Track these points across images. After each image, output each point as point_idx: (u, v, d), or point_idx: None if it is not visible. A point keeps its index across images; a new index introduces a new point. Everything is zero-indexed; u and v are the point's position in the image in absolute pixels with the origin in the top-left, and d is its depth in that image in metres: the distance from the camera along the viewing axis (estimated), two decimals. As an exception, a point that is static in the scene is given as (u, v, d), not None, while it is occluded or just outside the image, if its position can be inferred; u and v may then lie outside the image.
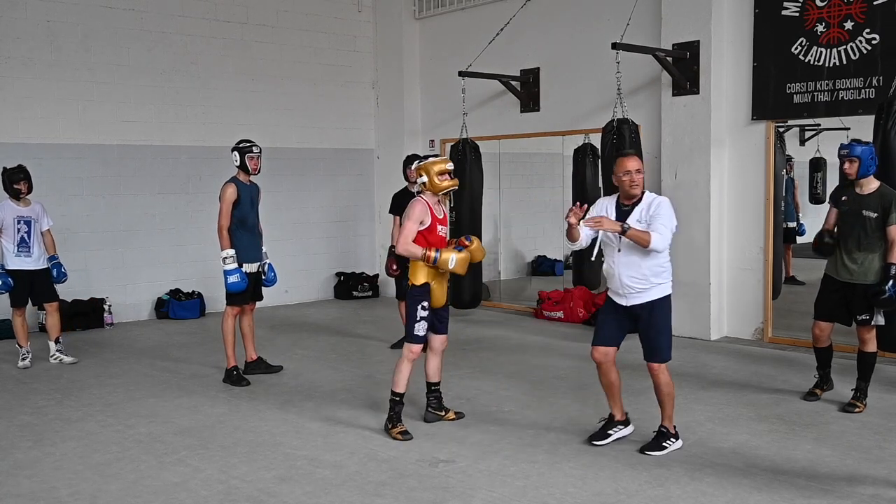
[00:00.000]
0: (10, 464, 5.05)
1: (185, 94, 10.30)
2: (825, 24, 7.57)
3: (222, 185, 6.93)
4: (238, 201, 6.83)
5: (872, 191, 5.76)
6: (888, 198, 5.69)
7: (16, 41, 9.17)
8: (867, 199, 5.75)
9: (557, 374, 7.05)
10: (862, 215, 5.73)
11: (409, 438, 5.33)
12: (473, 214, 9.21)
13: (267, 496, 4.49)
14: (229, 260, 6.76)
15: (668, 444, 5.07)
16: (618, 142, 7.83)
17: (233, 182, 6.89)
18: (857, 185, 5.80)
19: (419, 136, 11.51)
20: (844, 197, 5.87)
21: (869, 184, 5.77)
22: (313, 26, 11.33)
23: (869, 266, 5.73)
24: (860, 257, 5.75)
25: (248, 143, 6.98)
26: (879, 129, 6.63)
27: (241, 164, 6.91)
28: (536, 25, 9.88)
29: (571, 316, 9.46)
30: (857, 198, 5.79)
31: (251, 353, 7.21)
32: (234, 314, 6.96)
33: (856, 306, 5.82)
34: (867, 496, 4.38)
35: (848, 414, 5.79)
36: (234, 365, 6.93)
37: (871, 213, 5.70)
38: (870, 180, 5.77)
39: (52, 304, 7.74)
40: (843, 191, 5.94)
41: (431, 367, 5.77)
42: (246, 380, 6.89)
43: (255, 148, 6.96)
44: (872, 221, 5.70)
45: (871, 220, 5.70)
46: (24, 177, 7.58)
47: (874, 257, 5.71)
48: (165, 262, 10.27)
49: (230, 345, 6.90)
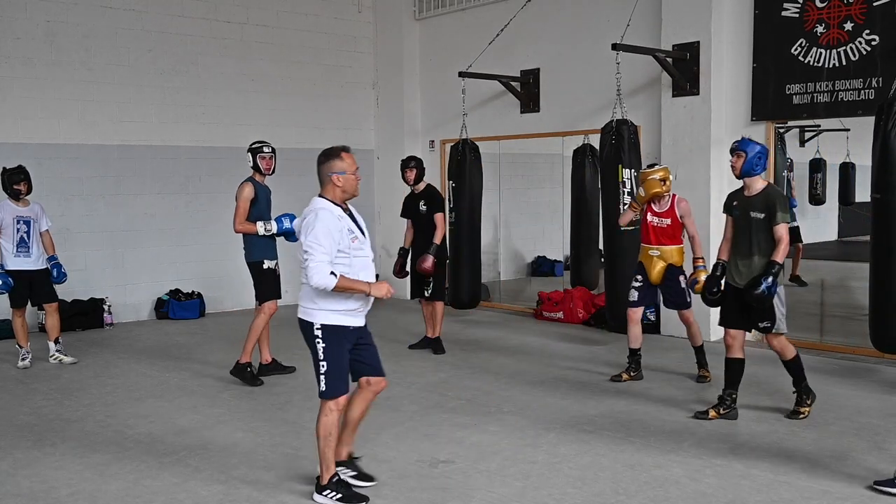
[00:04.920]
0: (9, 464, 5.05)
1: (185, 94, 10.30)
2: (825, 25, 7.57)
3: (239, 185, 6.93)
4: (255, 200, 6.85)
5: (758, 192, 5.63)
6: (772, 197, 5.55)
7: (16, 41, 9.18)
8: (754, 200, 5.63)
9: (557, 375, 7.05)
10: (750, 217, 5.61)
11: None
12: (473, 215, 9.21)
13: (267, 496, 4.49)
14: (266, 227, 6.78)
15: None
16: (617, 143, 7.84)
17: (249, 181, 6.91)
18: (745, 189, 5.70)
19: (419, 136, 11.51)
20: (735, 202, 5.78)
21: (754, 184, 5.64)
22: (313, 27, 11.33)
23: (758, 269, 5.54)
24: (749, 261, 5.59)
25: (260, 144, 7.01)
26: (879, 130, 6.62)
27: (253, 164, 6.94)
28: (536, 26, 9.89)
29: (571, 317, 9.45)
30: (744, 200, 5.69)
31: (266, 356, 7.17)
32: (270, 313, 6.93)
33: (755, 313, 5.64)
34: (867, 496, 4.38)
35: (846, 414, 5.78)
36: (249, 362, 6.91)
37: (758, 215, 5.56)
38: (755, 180, 5.64)
39: (52, 304, 7.74)
40: (733, 197, 5.84)
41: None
42: (260, 380, 6.87)
43: (267, 148, 6.98)
44: (760, 223, 5.55)
45: (758, 221, 5.56)
46: (24, 177, 7.59)
47: (764, 260, 5.52)
48: (165, 262, 10.27)
49: (252, 342, 6.89)
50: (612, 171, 7.83)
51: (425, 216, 7.79)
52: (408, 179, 7.88)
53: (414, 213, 7.93)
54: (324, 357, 4.26)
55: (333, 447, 4.36)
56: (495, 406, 6.15)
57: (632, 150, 7.83)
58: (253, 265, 6.94)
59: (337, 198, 4.38)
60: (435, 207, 7.81)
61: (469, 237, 9.08)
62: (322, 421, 4.30)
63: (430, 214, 7.77)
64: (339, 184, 4.38)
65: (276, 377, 7.03)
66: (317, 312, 4.26)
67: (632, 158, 7.77)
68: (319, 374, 4.28)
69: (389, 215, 11.62)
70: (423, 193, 7.89)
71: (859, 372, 7.03)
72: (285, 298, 7.13)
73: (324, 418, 4.30)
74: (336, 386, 4.29)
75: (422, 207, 7.83)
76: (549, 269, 12.24)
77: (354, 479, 4.52)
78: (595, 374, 7.07)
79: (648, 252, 6.73)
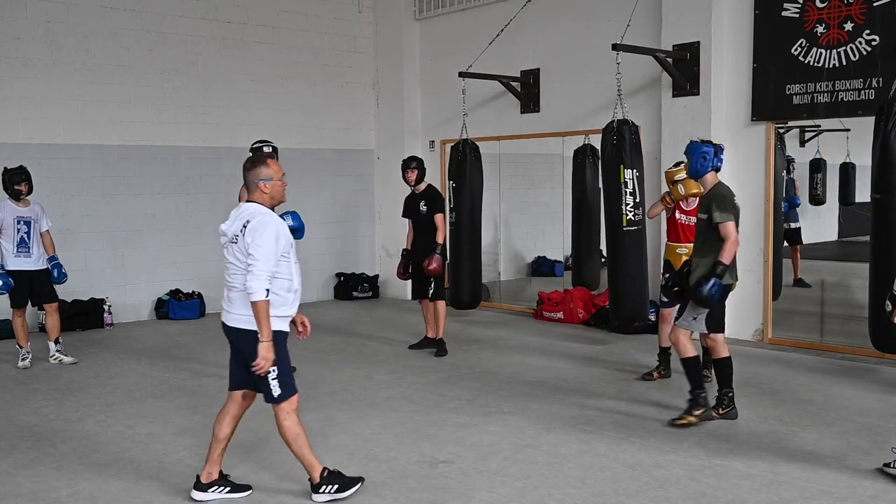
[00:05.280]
0: (10, 464, 5.05)
1: (185, 94, 10.30)
2: (825, 25, 7.57)
3: (241, 188, 6.88)
4: None
5: (706, 192, 5.63)
6: (712, 197, 5.50)
7: (16, 41, 9.18)
8: (702, 200, 5.64)
9: (557, 375, 7.05)
10: (699, 217, 5.62)
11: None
12: (473, 215, 9.21)
13: (267, 496, 4.50)
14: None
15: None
16: (618, 143, 7.83)
17: None
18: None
19: (419, 136, 11.51)
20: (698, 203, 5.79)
21: (706, 185, 5.63)
22: (313, 27, 11.33)
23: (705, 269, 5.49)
24: (697, 261, 5.58)
25: (261, 143, 6.98)
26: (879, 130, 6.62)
27: None
28: (536, 26, 9.89)
29: (571, 317, 9.45)
30: (700, 201, 5.72)
31: None
32: None
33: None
34: (867, 497, 4.38)
35: (846, 414, 5.78)
36: None
37: (702, 215, 5.56)
38: (706, 181, 5.63)
39: (52, 304, 7.74)
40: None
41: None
42: None
43: (267, 147, 6.95)
44: (703, 223, 5.54)
45: (702, 221, 5.56)
46: (25, 178, 7.60)
47: (709, 261, 5.48)
48: (165, 263, 10.27)
49: None
50: (613, 172, 7.83)
51: (426, 217, 7.80)
52: (409, 180, 7.89)
53: (414, 214, 7.94)
54: (273, 363, 4.24)
55: (307, 444, 4.39)
56: (495, 406, 6.14)
57: (633, 150, 7.81)
58: None
59: (266, 204, 4.33)
60: (435, 208, 7.81)
61: (470, 237, 9.08)
62: (285, 426, 4.33)
63: (430, 215, 7.78)
64: (267, 190, 4.32)
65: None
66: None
67: (633, 159, 7.75)
68: (270, 381, 4.26)
69: (389, 215, 11.63)
70: (424, 194, 7.90)
71: (859, 372, 7.02)
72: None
73: (285, 423, 4.32)
74: (288, 387, 4.32)
75: (422, 208, 7.84)
76: (550, 270, 12.23)
77: (231, 493, 4.50)
78: (595, 374, 7.07)
79: (676, 250, 6.68)
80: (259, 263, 4.11)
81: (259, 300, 4.11)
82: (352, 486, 4.46)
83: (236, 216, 4.34)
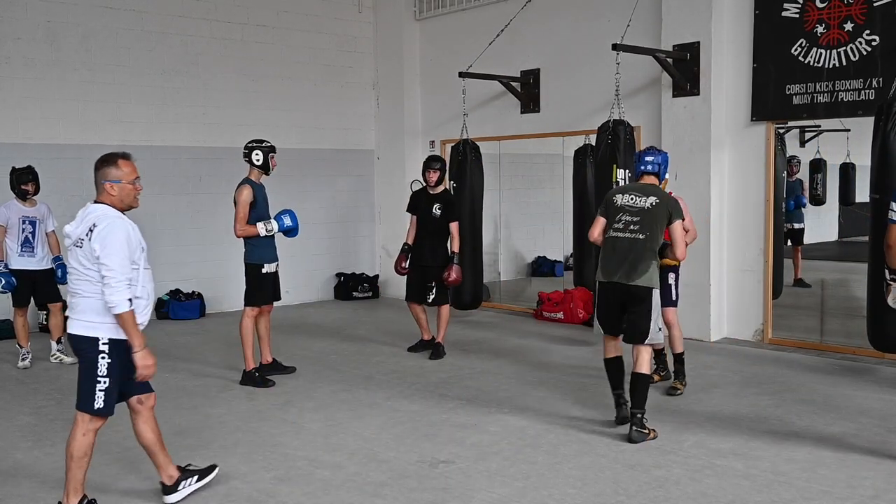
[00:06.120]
0: (10, 464, 5.05)
1: (185, 94, 10.30)
2: (825, 25, 7.58)
3: (237, 189, 6.87)
4: (255, 203, 6.78)
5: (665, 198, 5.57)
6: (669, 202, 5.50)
7: (16, 41, 9.18)
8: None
9: (558, 375, 7.05)
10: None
11: None
12: (474, 215, 9.21)
13: (266, 497, 4.50)
14: (267, 227, 6.75)
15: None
16: (612, 143, 7.85)
17: (248, 184, 6.81)
18: None
19: (419, 136, 11.51)
20: None
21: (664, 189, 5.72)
22: (313, 27, 11.33)
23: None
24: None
25: (270, 143, 6.97)
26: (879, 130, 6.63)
27: (263, 163, 6.86)
28: (536, 26, 9.89)
29: (571, 317, 9.45)
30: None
31: (267, 356, 7.15)
32: (253, 315, 6.92)
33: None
34: (867, 497, 4.38)
35: (846, 414, 5.78)
36: (254, 367, 6.90)
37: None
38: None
39: (56, 304, 7.74)
40: None
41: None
42: (271, 381, 6.86)
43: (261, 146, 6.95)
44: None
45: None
46: (33, 178, 7.62)
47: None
48: (165, 263, 10.25)
49: (249, 346, 6.86)
50: (606, 171, 7.84)
51: (438, 220, 7.72)
52: (429, 181, 7.78)
53: (425, 214, 7.81)
54: (107, 373, 4.05)
55: (85, 468, 4.15)
56: (495, 406, 6.15)
57: (627, 150, 7.82)
58: (250, 267, 6.90)
59: (116, 206, 4.10)
60: (451, 216, 7.73)
61: (470, 237, 9.07)
62: (80, 440, 4.10)
63: (444, 220, 7.71)
64: (114, 193, 4.08)
65: (276, 377, 7.02)
66: (102, 326, 4.04)
67: (627, 159, 7.76)
68: (96, 391, 4.04)
69: (389, 215, 11.64)
70: (440, 197, 7.79)
71: (860, 372, 7.03)
72: (285, 299, 7.13)
73: (82, 438, 4.10)
74: (110, 403, 4.09)
75: (436, 211, 7.72)
76: (550, 270, 12.24)
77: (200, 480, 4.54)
78: (595, 374, 7.05)
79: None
80: (114, 273, 3.91)
81: (122, 311, 3.94)
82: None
83: (82, 217, 4.08)
